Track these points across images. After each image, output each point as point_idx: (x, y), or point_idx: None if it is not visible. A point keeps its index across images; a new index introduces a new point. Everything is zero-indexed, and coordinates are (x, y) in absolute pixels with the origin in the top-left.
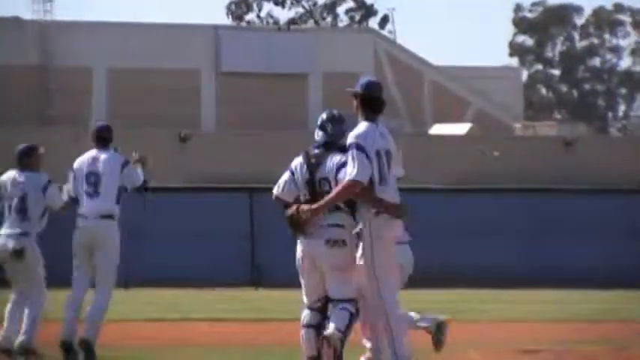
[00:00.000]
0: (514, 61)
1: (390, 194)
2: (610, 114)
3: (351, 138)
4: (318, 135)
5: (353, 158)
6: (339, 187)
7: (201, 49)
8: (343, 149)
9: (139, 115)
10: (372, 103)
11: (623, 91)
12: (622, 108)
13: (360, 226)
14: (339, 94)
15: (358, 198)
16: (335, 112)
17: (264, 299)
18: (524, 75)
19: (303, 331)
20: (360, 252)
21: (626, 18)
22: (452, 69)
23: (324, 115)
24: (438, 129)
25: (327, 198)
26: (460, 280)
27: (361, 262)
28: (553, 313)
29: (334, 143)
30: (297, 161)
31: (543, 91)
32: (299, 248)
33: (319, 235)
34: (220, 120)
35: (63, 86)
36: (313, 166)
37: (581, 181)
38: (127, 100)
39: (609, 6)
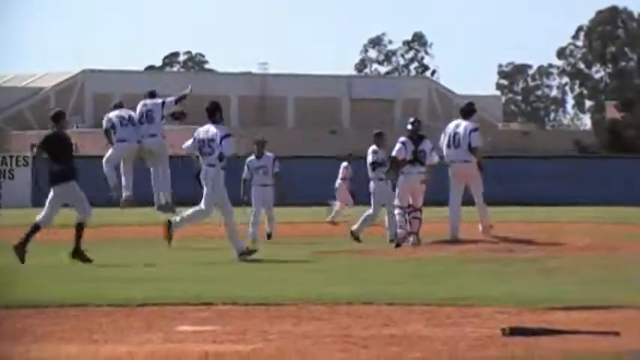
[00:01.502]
0: (497, 92)
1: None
2: (546, 119)
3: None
4: (408, 128)
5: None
6: (433, 161)
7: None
8: (421, 136)
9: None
10: (467, 113)
11: (552, 107)
12: (552, 116)
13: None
14: (414, 110)
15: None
16: (415, 118)
17: None
18: (503, 99)
19: (398, 217)
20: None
21: (555, 70)
22: (469, 97)
23: (411, 119)
24: None
25: (429, 164)
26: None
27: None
28: None
29: (416, 132)
30: (404, 139)
31: (512, 107)
32: (402, 180)
33: (417, 177)
34: (354, 123)
35: (271, 107)
36: (416, 142)
37: (531, 152)
38: (311, 112)
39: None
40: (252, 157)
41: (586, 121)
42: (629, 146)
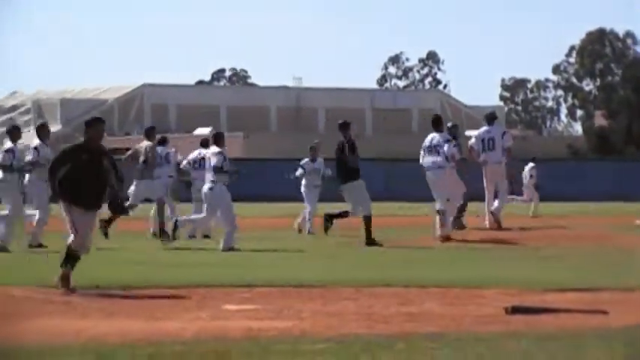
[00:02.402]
0: (500, 103)
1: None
2: (543, 126)
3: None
4: (446, 131)
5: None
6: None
7: (367, 95)
8: (454, 137)
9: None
10: (490, 119)
11: (548, 116)
12: (548, 123)
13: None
14: (428, 119)
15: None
16: (453, 123)
17: None
18: (505, 109)
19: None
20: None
21: (551, 84)
22: (476, 107)
23: (449, 124)
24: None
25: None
26: None
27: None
28: None
29: (452, 134)
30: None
31: (514, 115)
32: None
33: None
34: (376, 130)
35: (305, 116)
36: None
37: (530, 154)
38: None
39: (543, 77)
40: (307, 159)
41: (577, 128)
42: (615, 150)
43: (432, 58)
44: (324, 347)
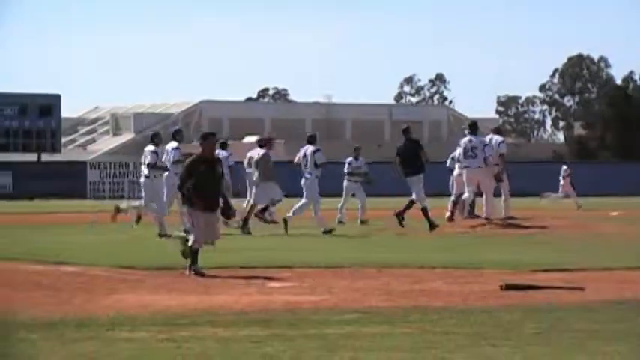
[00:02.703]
0: (496, 116)
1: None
2: (531, 135)
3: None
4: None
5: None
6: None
7: (385, 109)
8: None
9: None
10: (473, 129)
11: (536, 126)
12: (536, 133)
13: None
14: (437, 129)
15: None
16: (468, 134)
17: None
18: (500, 121)
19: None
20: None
21: (538, 100)
22: (474, 118)
23: (466, 130)
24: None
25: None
26: None
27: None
28: None
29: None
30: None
31: (507, 126)
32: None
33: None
34: (394, 139)
35: (334, 127)
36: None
37: (521, 159)
38: (363, 131)
39: (532, 94)
40: (351, 158)
41: (560, 137)
42: (592, 154)
43: (439, 79)
44: (351, 317)
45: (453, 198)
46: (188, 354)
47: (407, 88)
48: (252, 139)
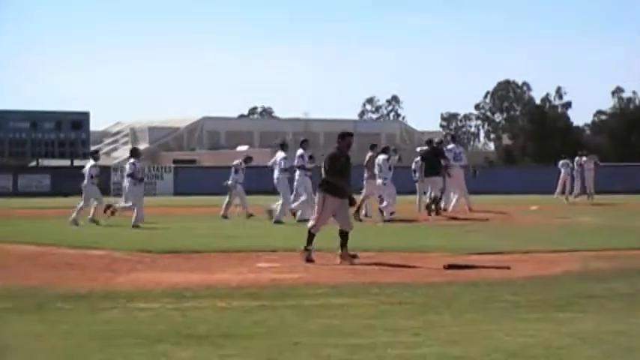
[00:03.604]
0: (440, 129)
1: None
2: (468, 145)
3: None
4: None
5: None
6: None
7: (351, 124)
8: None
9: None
10: (453, 139)
11: (472, 138)
12: (472, 143)
13: None
14: (391, 140)
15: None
16: (431, 139)
17: None
18: (443, 133)
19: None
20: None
21: (473, 116)
22: (424, 132)
23: (436, 139)
24: (419, 149)
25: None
26: None
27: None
28: None
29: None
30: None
31: (449, 138)
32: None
33: None
34: (358, 149)
35: (311, 138)
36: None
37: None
38: (333, 142)
39: (468, 112)
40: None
41: (491, 146)
42: (516, 160)
43: (395, 99)
44: (323, 291)
45: (433, 196)
46: (192, 320)
47: (368, 107)
48: (243, 148)
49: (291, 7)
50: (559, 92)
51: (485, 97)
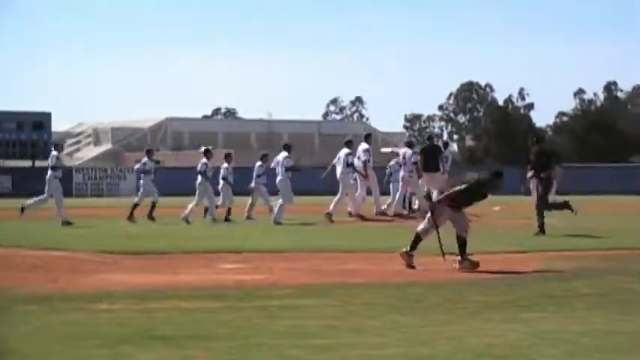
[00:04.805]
0: (404, 130)
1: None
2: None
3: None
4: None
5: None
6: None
7: (315, 125)
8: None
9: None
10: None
11: (436, 139)
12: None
13: None
14: (356, 141)
15: None
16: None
17: None
18: (407, 134)
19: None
20: None
21: (437, 117)
22: (388, 133)
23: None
24: (383, 150)
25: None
26: None
27: None
28: None
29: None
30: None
31: (413, 139)
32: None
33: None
34: (322, 149)
35: (274, 138)
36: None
37: None
38: (297, 142)
39: (432, 113)
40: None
41: (455, 147)
42: (479, 161)
43: (358, 100)
44: (288, 292)
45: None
46: (156, 321)
47: (332, 108)
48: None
49: (254, 8)
50: (521, 94)
51: (449, 98)
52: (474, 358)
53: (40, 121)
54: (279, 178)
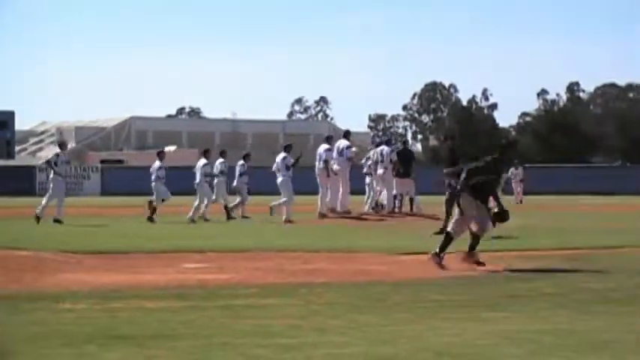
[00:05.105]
0: (368, 130)
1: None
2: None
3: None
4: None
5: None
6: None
7: (279, 125)
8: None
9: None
10: (381, 143)
11: (399, 138)
12: (399, 144)
13: None
14: (320, 141)
15: None
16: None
17: None
18: (371, 134)
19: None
20: None
21: (401, 117)
22: (353, 132)
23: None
24: None
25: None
26: None
27: None
28: None
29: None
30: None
31: (377, 138)
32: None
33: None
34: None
35: (239, 138)
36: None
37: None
38: (262, 141)
39: (396, 113)
40: (242, 162)
41: (419, 146)
42: (443, 160)
43: (323, 100)
44: (253, 292)
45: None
46: (118, 321)
47: (297, 107)
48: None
49: (219, 6)
50: (485, 94)
51: (413, 98)
52: (434, 356)
53: (5, 121)
54: (280, 178)
